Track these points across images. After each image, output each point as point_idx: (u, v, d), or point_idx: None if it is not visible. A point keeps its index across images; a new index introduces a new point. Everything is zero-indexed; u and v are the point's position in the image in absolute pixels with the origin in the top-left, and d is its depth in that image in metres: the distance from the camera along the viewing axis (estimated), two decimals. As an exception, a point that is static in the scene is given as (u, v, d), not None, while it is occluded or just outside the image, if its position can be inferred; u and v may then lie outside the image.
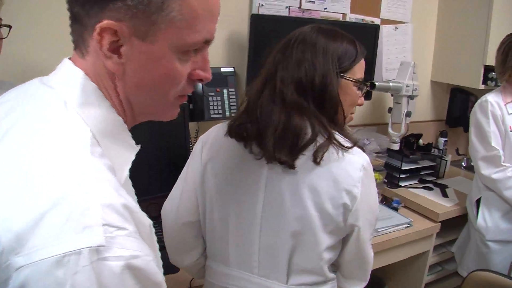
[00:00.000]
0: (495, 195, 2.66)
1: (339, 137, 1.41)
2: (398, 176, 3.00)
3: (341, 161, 1.39)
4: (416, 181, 3.11)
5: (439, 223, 2.72)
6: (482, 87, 3.25)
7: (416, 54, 3.45)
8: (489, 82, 3.22)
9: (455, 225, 2.90)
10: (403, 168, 3.00)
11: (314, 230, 1.41)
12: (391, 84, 2.91)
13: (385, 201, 2.81)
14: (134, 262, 0.69)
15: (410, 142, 3.16)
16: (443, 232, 2.86)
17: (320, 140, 1.38)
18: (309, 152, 1.38)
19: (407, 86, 2.93)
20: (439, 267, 3.10)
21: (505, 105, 2.63)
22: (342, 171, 1.39)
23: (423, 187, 3.05)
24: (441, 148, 3.37)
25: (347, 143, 1.41)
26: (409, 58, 3.33)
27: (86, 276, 0.64)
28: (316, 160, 1.37)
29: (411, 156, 3.05)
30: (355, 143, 1.44)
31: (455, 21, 3.46)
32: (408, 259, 2.73)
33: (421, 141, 3.22)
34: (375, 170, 2.78)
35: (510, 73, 2.60)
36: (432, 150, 3.25)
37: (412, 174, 3.09)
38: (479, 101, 2.70)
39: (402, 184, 3.02)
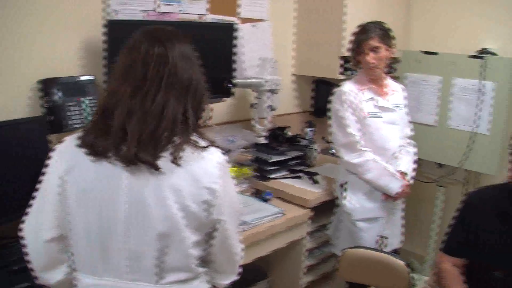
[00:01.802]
0: (357, 178, 2.82)
1: (195, 138, 1.46)
2: (267, 168, 3.09)
3: (199, 160, 1.45)
4: (286, 172, 3.22)
5: (310, 209, 2.85)
6: (340, 77, 3.42)
7: (277, 50, 3.57)
8: (348, 72, 3.39)
9: (329, 209, 3.03)
10: (272, 160, 3.09)
11: (180, 229, 1.44)
12: (251, 80, 3.00)
13: (257, 194, 2.89)
14: None
15: (277, 135, 3.26)
16: (318, 217, 3.00)
17: (177, 141, 1.42)
18: (168, 154, 1.41)
19: (268, 81, 3.02)
20: (318, 250, 3.22)
21: (361, 92, 2.79)
22: (201, 169, 1.45)
23: (294, 177, 3.17)
24: (309, 138, 3.50)
25: (203, 143, 1.47)
26: (270, 54, 3.44)
27: None
28: (175, 161, 1.40)
29: (279, 148, 3.15)
30: (211, 143, 1.50)
31: (313, 17, 3.63)
32: (285, 247, 2.83)
33: (288, 133, 3.34)
34: (244, 165, 2.87)
35: (361, 63, 2.77)
36: (300, 141, 3.38)
37: (282, 165, 3.19)
38: (335, 91, 2.84)
39: (273, 176, 3.12)
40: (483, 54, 3.48)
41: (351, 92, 2.78)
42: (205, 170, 1.46)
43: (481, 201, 2.22)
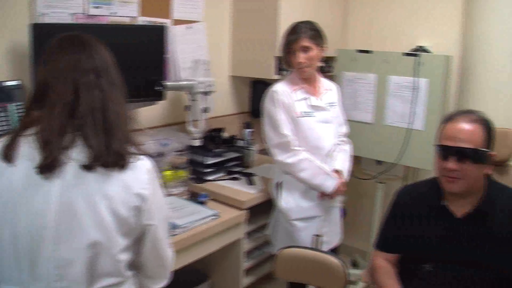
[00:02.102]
0: (292, 178, 2.82)
1: (123, 145, 1.47)
2: (203, 171, 3.07)
3: (130, 168, 1.47)
4: (223, 174, 3.21)
5: (246, 211, 2.84)
6: (276, 77, 3.42)
7: (213, 51, 3.53)
8: (284, 72, 3.39)
9: (267, 209, 3.02)
10: (208, 162, 3.08)
11: (111, 235, 1.45)
12: (183, 82, 2.97)
13: (193, 196, 2.86)
14: None
15: (213, 137, 3.24)
16: (256, 217, 3.01)
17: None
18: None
19: (201, 83, 2.99)
20: (258, 251, 3.22)
21: (293, 92, 2.79)
22: (131, 176, 1.48)
23: (231, 178, 3.15)
24: (247, 139, 3.49)
25: (133, 150, 1.50)
26: (205, 55, 3.41)
27: None
28: (107, 167, 1.42)
29: (215, 150, 3.13)
30: (140, 150, 1.53)
31: (248, 17, 3.61)
32: (224, 249, 2.83)
33: (225, 134, 3.33)
34: (179, 168, 2.84)
35: (293, 63, 2.77)
36: (238, 142, 3.37)
37: (218, 167, 3.18)
38: (268, 91, 2.83)
39: (210, 178, 3.10)
40: (417, 51, 3.53)
41: (283, 92, 2.77)
42: (135, 177, 1.49)
43: (411, 197, 2.26)
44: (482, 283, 2.04)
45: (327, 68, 3.85)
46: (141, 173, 1.50)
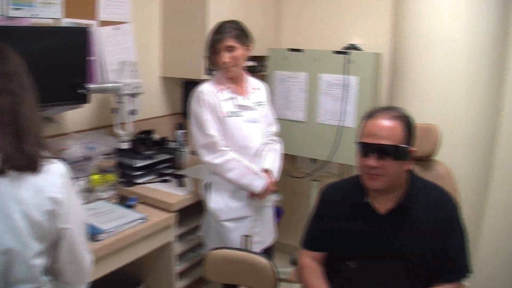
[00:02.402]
0: (220, 178, 2.80)
1: (35, 149, 1.45)
2: (133, 174, 3.02)
3: (42, 171, 1.45)
4: (154, 176, 3.16)
5: (175, 213, 2.81)
6: (205, 77, 3.40)
7: (142, 52, 3.47)
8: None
9: (200, 211, 2.99)
10: (137, 165, 3.03)
11: (24, 240, 1.42)
12: (107, 85, 2.90)
13: (122, 200, 2.82)
14: None
15: (143, 139, 3.20)
16: (189, 219, 2.99)
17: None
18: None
19: (127, 85, 2.94)
20: (192, 253, 3.19)
21: (219, 92, 2.78)
22: (44, 180, 1.45)
23: (161, 181, 3.12)
24: (179, 140, 3.46)
25: (46, 154, 1.49)
26: (133, 57, 3.35)
27: None
28: (19, 170, 1.40)
29: (145, 153, 3.09)
30: (52, 154, 1.52)
31: (178, 17, 3.56)
32: (156, 252, 2.80)
33: (156, 136, 3.29)
34: (107, 172, 2.79)
35: (218, 63, 2.76)
36: (169, 143, 3.34)
37: (148, 169, 3.13)
38: (194, 92, 2.81)
39: (140, 181, 3.05)
40: (349, 49, 3.56)
41: (208, 92, 2.76)
42: (48, 181, 1.47)
43: (335, 195, 2.27)
44: (405, 277, 2.06)
45: (260, 67, 3.85)
46: (54, 177, 1.48)
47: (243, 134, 2.80)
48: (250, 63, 3.76)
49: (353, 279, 2.13)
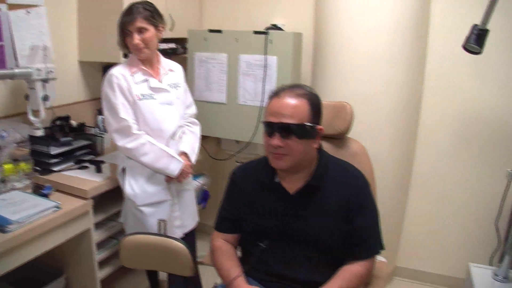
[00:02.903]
0: (136, 163, 2.76)
1: None
2: (48, 161, 2.94)
3: None
4: (72, 163, 3.09)
5: (91, 200, 2.75)
6: (124, 60, 3.33)
7: (58, 37, 3.37)
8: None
9: (120, 197, 2.94)
10: (53, 152, 2.94)
11: None
12: (14, 71, 2.80)
13: (38, 189, 2.74)
14: None
15: (61, 126, 3.12)
16: (109, 206, 2.96)
17: None
18: None
19: (39, 70, 2.85)
20: (114, 240, 3.14)
21: (131, 75, 2.72)
22: None
23: (79, 168, 3.05)
24: (100, 126, 3.40)
25: None
26: (47, 41, 3.25)
27: None
28: None
29: (62, 140, 3.01)
30: None
31: (94, 0, 3.47)
32: (73, 241, 2.74)
33: (73, 122, 3.22)
34: (20, 160, 2.71)
35: (129, 45, 2.71)
36: (89, 129, 3.27)
37: (66, 156, 3.04)
38: (106, 75, 2.75)
39: (56, 168, 2.97)
40: (270, 30, 3.55)
41: (120, 75, 2.69)
42: None
43: (244, 176, 2.27)
44: (316, 257, 2.08)
45: (182, 49, 3.82)
46: None
47: (157, 117, 2.75)
48: (172, 45, 3.72)
49: (265, 259, 2.13)
